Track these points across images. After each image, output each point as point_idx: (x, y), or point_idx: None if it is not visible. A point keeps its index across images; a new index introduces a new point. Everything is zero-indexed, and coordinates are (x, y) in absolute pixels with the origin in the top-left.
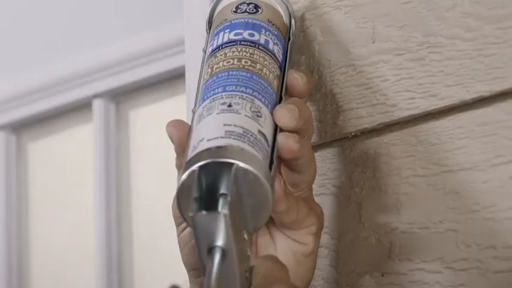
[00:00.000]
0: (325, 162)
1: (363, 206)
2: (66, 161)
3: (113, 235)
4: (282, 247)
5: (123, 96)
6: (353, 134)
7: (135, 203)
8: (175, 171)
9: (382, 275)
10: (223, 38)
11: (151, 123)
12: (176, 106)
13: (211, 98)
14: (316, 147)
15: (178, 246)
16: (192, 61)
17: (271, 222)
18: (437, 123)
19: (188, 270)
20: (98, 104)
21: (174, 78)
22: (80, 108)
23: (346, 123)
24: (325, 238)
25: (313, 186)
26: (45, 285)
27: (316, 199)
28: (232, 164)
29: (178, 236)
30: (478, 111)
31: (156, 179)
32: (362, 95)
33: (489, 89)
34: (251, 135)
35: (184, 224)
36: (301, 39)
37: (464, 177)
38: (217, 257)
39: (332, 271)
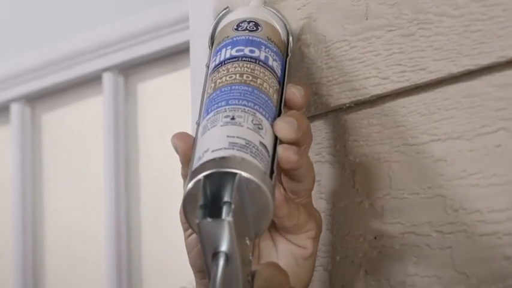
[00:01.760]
0: (321, 132)
1: (357, 173)
2: (77, 130)
3: (122, 201)
4: (283, 250)
5: (131, 69)
6: (347, 105)
7: (142, 170)
8: None
9: (375, 238)
10: (225, 54)
11: (158, 95)
12: (181, 79)
13: (215, 111)
14: (313, 117)
15: (186, 249)
16: (196, 37)
17: (273, 227)
18: (426, 95)
19: (195, 272)
20: (107, 77)
21: (179, 52)
22: (91, 81)
23: (340, 95)
24: (321, 203)
25: (310, 154)
26: (57, 246)
27: (313, 167)
28: (235, 173)
29: (185, 240)
30: (464, 84)
31: (163, 147)
32: (355, 68)
33: (475, 63)
34: (253, 147)
35: (191, 230)
36: (298, 16)
37: (451, 146)
38: (221, 262)
39: (328, 234)
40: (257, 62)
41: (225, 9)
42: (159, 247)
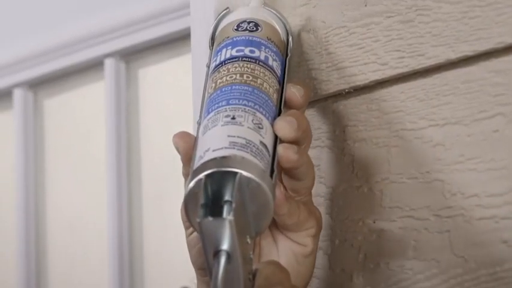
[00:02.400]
0: (320, 117)
1: (356, 158)
2: (79, 116)
3: (123, 185)
4: (283, 248)
5: (132, 55)
6: (346, 90)
7: (143, 155)
8: (181, 124)
9: (374, 222)
10: (225, 54)
11: (159, 80)
12: (182, 64)
13: (216, 110)
14: (313, 102)
15: (187, 247)
16: (197, 23)
17: (273, 225)
18: (424, 80)
19: (196, 270)
20: (109, 63)
21: (180, 39)
22: (93, 67)
23: (340, 80)
24: (320, 187)
25: None
26: (60, 230)
27: (313, 151)
28: (236, 173)
29: (187, 238)
30: (462, 70)
31: (163, 132)
32: (355, 54)
33: (473, 49)
34: (253, 146)
35: (192, 228)
36: (298, 3)
37: (449, 131)
38: (222, 260)
39: (327, 218)
40: (257, 62)
41: (225, 9)
42: (160, 232)
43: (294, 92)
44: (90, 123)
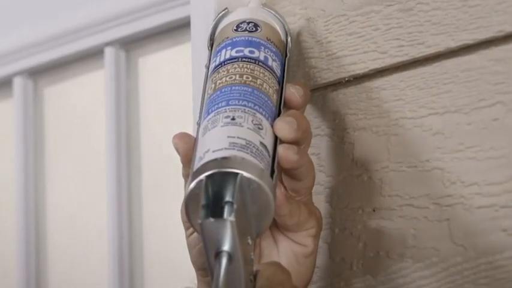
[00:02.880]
0: (320, 105)
1: (356, 146)
2: (79, 104)
3: (123, 173)
4: (283, 248)
5: (132, 44)
6: (346, 79)
7: (143, 143)
8: (180, 112)
9: (374, 210)
10: (225, 55)
11: (159, 69)
12: (182, 53)
13: (216, 111)
14: (312, 91)
15: (187, 247)
16: (197, 12)
17: (274, 226)
18: (424, 69)
19: (196, 270)
20: (109, 52)
21: (180, 27)
22: (93, 55)
23: (339, 69)
24: (320, 176)
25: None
26: (59, 219)
27: (312, 140)
28: (237, 173)
29: (187, 238)
30: (462, 58)
31: (163, 121)
32: (354, 43)
33: (473, 38)
34: (253, 147)
35: (192, 228)
36: None
37: (449, 119)
38: (224, 261)
39: (327, 206)
40: (257, 62)
41: (223, 10)
42: (159, 221)
43: (293, 92)
44: (90, 111)
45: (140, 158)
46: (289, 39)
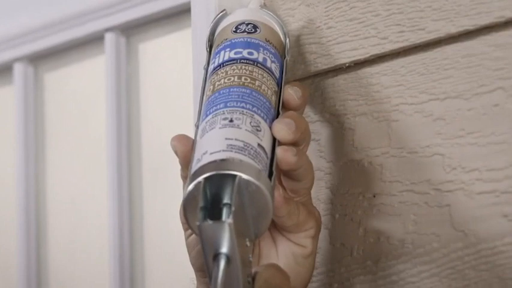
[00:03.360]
0: (321, 91)
1: (356, 132)
2: (80, 90)
3: (124, 157)
4: (282, 249)
5: (133, 30)
6: (347, 65)
7: (144, 127)
8: (181, 98)
9: (374, 196)
10: (224, 56)
11: (159, 54)
12: (182, 39)
13: (214, 113)
14: (313, 77)
15: (186, 249)
16: None
17: (273, 227)
18: (425, 54)
19: (196, 271)
20: (109, 37)
21: (180, 13)
22: (93, 41)
23: (340, 54)
24: (321, 161)
25: (310, 113)
26: (61, 205)
27: (313, 126)
28: (235, 175)
29: (186, 240)
30: (463, 44)
31: (164, 106)
32: (355, 28)
33: (474, 23)
34: (251, 149)
35: (191, 230)
36: None
37: (450, 105)
38: (222, 263)
39: (327, 192)
40: (255, 64)
41: (222, 11)
42: (159, 206)
43: (292, 94)
44: (91, 97)
45: (140, 143)
46: (287, 41)
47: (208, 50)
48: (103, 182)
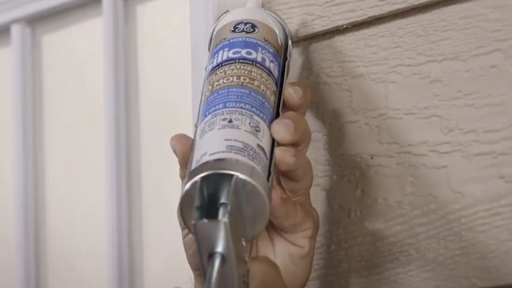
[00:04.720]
0: (318, 52)
1: (353, 93)
2: (78, 52)
3: (122, 117)
4: (280, 249)
5: None
6: (344, 26)
7: (142, 88)
8: (178, 59)
9: (371, 157)
10: (222, 56)
11: (156, 17)
12: (180, 0)
13: (213, 114)
14: (311, 38)
15: (184, 248)
16: None
17: (271, 227)
18: (423, 16)
19: (193, 270)
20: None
21: None
22: (91, 3)
23: (337, 16)
24: (318, 123)
25: (307, 75)
26: (57, 170)
27: (310, 88)
28: (232, 175)
29: (183, 238)
30: (461, 6)
31: (161, 67)
32: None
33: None
34: (250, 149)
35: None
36: None
37: (447, 66)
38: (217, 263)
39: (325, 154)
40: (254, 63)
41: (224, 12)
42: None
43: (292, 93)
44: (89, 58)
45: (138, 104)
46: (289, 42)
47: (209, 50)
48: (101, 142)
